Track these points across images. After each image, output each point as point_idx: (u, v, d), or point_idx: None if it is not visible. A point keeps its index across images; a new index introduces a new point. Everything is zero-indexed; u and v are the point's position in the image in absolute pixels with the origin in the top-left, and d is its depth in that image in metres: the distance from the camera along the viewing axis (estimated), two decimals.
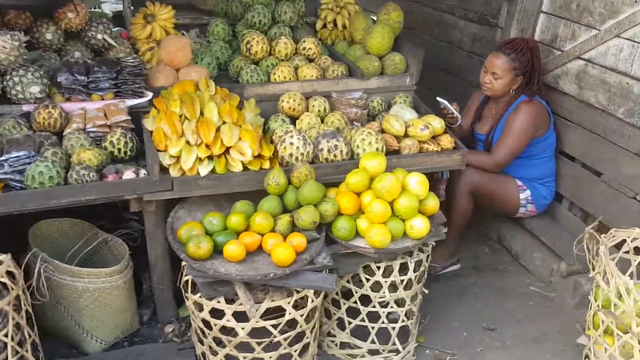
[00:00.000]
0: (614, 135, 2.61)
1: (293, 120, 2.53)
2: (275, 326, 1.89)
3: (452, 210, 2.78)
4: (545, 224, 2.93)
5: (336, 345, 2.26)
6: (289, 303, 1.89)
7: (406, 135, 2.44)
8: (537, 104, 2.73)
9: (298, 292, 1.91)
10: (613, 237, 2.23)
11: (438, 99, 2.77)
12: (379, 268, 2.11)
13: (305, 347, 2.07)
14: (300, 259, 1.89)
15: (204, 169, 2.04)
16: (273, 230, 1.98)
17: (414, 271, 2.16)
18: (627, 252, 2.29)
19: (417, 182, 2.13)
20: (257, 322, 1.86)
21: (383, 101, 2.69)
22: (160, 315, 2.35)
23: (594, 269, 2.10)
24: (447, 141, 2.44)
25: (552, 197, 2.91)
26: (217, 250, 1.90)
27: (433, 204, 2.19)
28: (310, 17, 3.23)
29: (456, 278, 2.83)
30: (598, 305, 2.08)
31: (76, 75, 2.22)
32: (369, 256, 2.05)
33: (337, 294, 2.20)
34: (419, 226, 2.08)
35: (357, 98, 2.59)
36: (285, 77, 2.63)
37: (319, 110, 2.54)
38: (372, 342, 2.21)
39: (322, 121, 2.53)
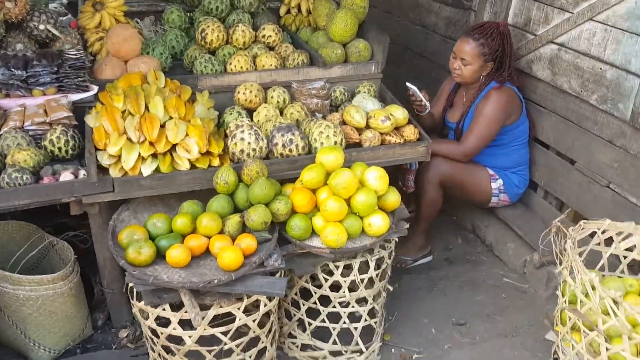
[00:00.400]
0: (587, 122, 2.51)
1: (250, 112, 2.41)
2: (225, 333, 1.80)
3: (422, 201, 2.69)
4: (519, 213, 2.85)
5: (297, 347, 2.18)
6: (238, 309, 1.80)
7: (368, 126, 2.32)
8: (508, 91, 2.62)
9: (249, 296, 1.81)
10: (582, 229, 2.14)
11: (407, 84, 2.66)
12: (337, 267, 2.01)
13: (262, 352, 1.98)
14: (249, 262, 1.79)
15: (147, 169, 1.92)
16: (222, 232, 1.88)
17: (375, 269, 2.06)
18: (598, 244, 2.20)
19: (376, 177, 2.03)
20: (204, 329, 1.77)
21: (346, 91, 2.57)
22: (115, 320, 2.25)
23: (561, 264, 2.01)
24: (410, 132, 2.33)
25: (526, 186, 2.82)
26: (161, 255, 1.79)
27: (393, 199, 2.09)
28: (274, 2, 3.09)
29: (427, 271, 2.75)
30: (565, 301, 1.99)
31: (13, 69, 2.09)
32: (324, 256, 1.95)
33: (296, 294, 2.11)
34: (378, 223, 1.98)
35: (318, 88, 2.47)
36: (242, 67, 2.50)
37: (277, 102, 2.42)
38: (334, 343, 2.13)
39: (282, 113, 2.41)
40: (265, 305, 1.85)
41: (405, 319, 2.41)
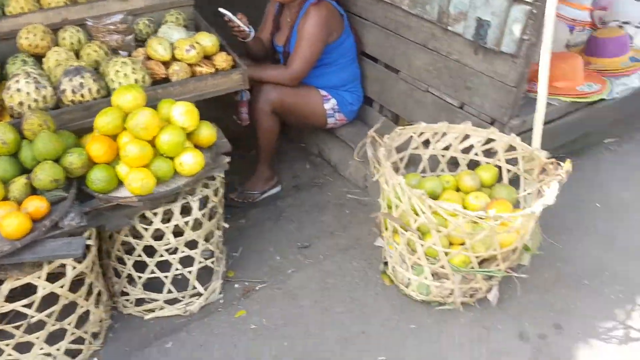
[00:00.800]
0: (403, 29, 2.52)
1: (40, 59, 2.12)
2: (29, 305, 1.64)
3: (258, 132, 2.61)
4: (356, 131, 2.87)
5: (131, 303, 2.07)
6: (39, 277, 1.63)
7: (176, 59, 2.15)
8: (326, 6, 2.54)
9: (50, 262, 1.65)
10: (399, 135, 2.19)
11: (220, 10, 2.48)
12: (155, 215, 1.89)
13: (85, 316, 1.85)
14: (40, 227, 1.61)
15: None
16: (7, 198, 1.67)
17: (201, 209, 1.97)
18: (416, 148, 2.27)
19: (182, 113, 1.89)
20: (1, 306, 1.59)
21: (152, 22, 2.34)
22: None
23: (378, 172, 2.04)
24: (222, 60, 2.19)
25: (360, 102, 2.83)
26: None
27: (207, 133, 1.97)
28: None
29: (275, 201, 2.72)
30: (385, 207, 2.05)
31: None
32: (134, 206, 1.81)
33: (118, 250, 1.98)
34: (190, 162, 1.87)
35: (117, 22, 2.22)
36: (22, 8, 2.17)
37: (71, 43, 2.15)
38: (169, 291, 2.05)
39: (78, 56, 2.15)
40: (75, 267, 1.70)
41: (251, 252, 2.38)
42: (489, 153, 2.23)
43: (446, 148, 2.27)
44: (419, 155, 2.29)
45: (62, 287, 1.69)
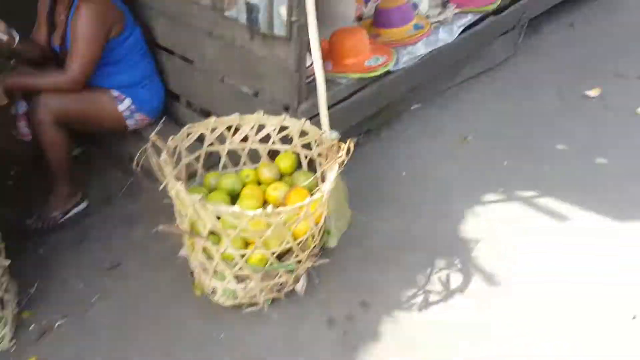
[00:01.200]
0: (188, 17, 2.36)
1: None
2: None
3: (42, 147, 2.32)
4: (164, 129, 2.63)
5: None
6: None
7: None
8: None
9: None
10: (188, 135, 2.06)
11: None
12: None
13: None
14: None
15: None
16: None
17: None
18: (212, 145, 2.16)
19: None
20: None
21: None
22: None
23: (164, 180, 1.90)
24: None
25: (160, 97, 2.63)
26: None
27: None
28: None
29: (82, 220, 2.46)
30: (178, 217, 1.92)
31: None
32: None
33: None
34: None
35: None
36: None
37: None
38: None
39: None
40: None
41: (51, 285, 2.11)
42: (287, 140, 2.18)
43: (244, 140, 2.18)
44: (217, 152, 2.18)
45: None
